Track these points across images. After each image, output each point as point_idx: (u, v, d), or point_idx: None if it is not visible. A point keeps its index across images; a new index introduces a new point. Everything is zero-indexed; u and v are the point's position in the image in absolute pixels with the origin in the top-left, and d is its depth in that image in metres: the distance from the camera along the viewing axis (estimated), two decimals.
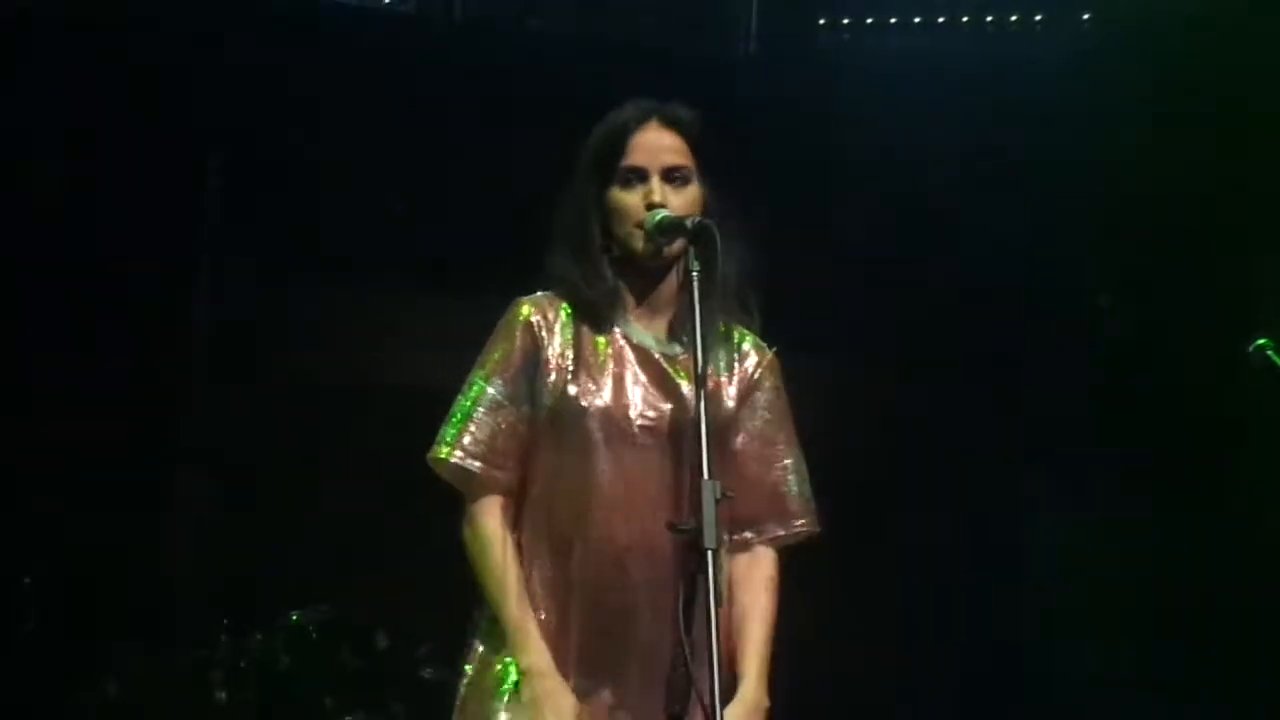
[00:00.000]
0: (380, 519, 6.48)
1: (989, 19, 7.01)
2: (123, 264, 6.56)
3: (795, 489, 3.33)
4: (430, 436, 3.33)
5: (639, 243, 3.21)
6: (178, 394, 6.78)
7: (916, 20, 7.04)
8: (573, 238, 3.27)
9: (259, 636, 5.94)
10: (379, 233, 6.80)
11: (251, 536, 6.47)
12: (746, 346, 3.35)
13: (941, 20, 7.02)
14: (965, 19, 7.02)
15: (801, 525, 3.34)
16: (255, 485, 6.60)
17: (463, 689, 3.28)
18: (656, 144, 3.24)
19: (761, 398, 3.33)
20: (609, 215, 3.24)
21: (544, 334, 3.25)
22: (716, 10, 7.05)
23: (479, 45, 6.88)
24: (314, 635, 5.96)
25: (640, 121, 3.26)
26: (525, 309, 3.27)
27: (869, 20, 7.09)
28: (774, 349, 3.38)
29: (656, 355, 3.25)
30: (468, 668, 3.29)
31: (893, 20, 7.06)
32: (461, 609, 5.49)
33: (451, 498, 3.36)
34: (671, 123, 3.26)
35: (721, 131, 3.36)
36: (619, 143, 3.24)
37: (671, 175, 3.22)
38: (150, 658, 6.24)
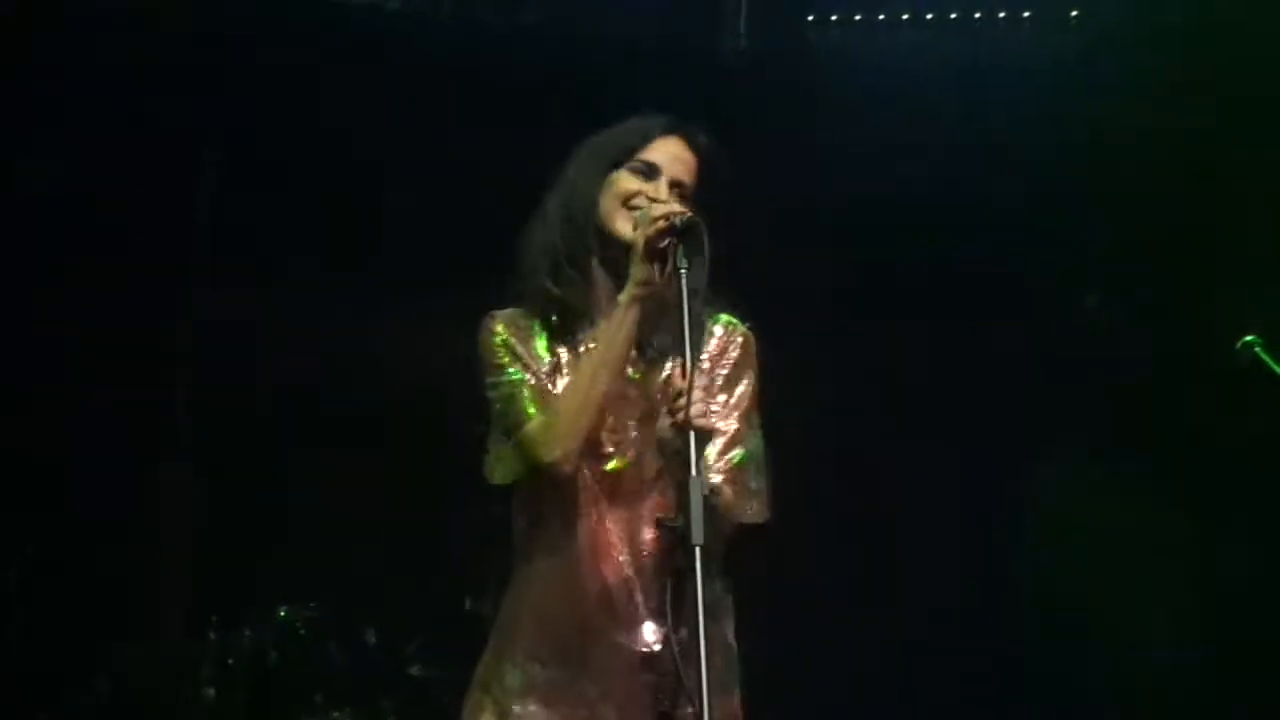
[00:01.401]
0: (369, 517, 6.48)
1: (977, 15, 7.01)
2: (114, 262, 6.55)
3: (746, 480, 3.27)
4: (423, 436, 3.34)
5: (620, 222, 3.24)
6: (167, 391, 6.77)
7: (905, 17, 7.04)
8: (571, 219, 3.29)
9: (248, 633, 5.94)
10: (373, 232, 6.79)
11: (240, 533, 6.47)
12: (716, 328, 3.35)
13: (930, 17, 7.02)
14: (953, 15, 7.02)
15: (747, 516, 3.27)
16: (244, 482, 6.59)
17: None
18: (677, 154, 3.32)
19: (721, 375, 3.32)
20: (603, 193, 3.28)
21: (520, 347, 3.28)
22: (706, 7, 7.06)
23: (467, 42, 6.87)
24: (302, 632, 5.97)
25: (668, 130, 3.34)
26: (498, 325, 3.30)
27: (857, 17, 7.09)
28: (747, 324, 3.38)
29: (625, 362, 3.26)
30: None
31: (881, 17, 7.06)
32: (453, 607, 5.51)
33: (441, 500, 3.37)
34: (692, 144, 3.35)
35: (712, 127, 3.39)
36: (642, 140, 3.32)
37: (676, 187, 3.29)
38: (139, 654, 6.24)
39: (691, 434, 2.96)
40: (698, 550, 2.88)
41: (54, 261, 6.47)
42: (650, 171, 3.29)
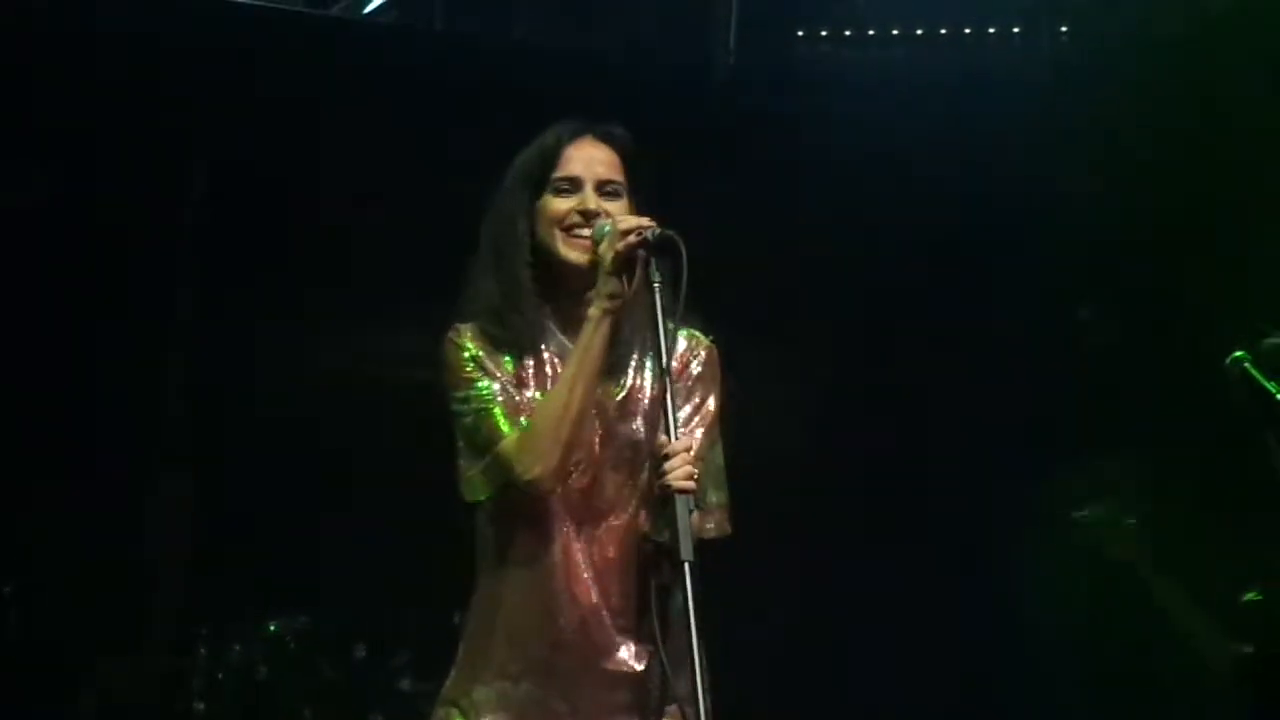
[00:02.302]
0: (359, 529, 6.48)
1: (967, 30, 7.02)
2: (105, 267, 6.56)
3: (706, 496, 3.22)
4: (413, 439, 3.32)
5: (563, 246, 3.23)
6: (158, 404, 6.78)
7: (895, 32, 7.05)
8: (500, 254, 3.28)
9: (238, 647, 5.94)
10: (369, 241, 6.80)
11: (230, 547, 6.46)
12: (679, 341, 3.30)
13: (920, 32, 7.03)
14: (944, 31, 7.03)
15: (708, 532, 3.24)
16: (235, 496, 6.59)
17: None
18: (591, 156, 3.29)
19: (683, 389, 3.28)
20: (538, 221, 3.27)
21: (488, 360, 3.23)
22: (695, 22, 7.06)
23: (459, 56, 6.88)
24: (292, 646, 5.97)
25: (575, 136, 3.31)
26: (465, 338, 3.25)
27: (847, 32, 7.10)
28: (710, 337, 3.35)
29: None
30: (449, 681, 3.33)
31: (871, 32, 7.08)
32: (441, 621, 5.50)
33: (431, 511, 3.35)
34: (605, 138, 3.32)
35: (702, 141, 3.38)
36: (553, 155, 3.29)
37: (604, 188, 3.27)
38: (129, 668, 6.23)
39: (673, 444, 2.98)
40: (686, 566, 2.88)
41: (52, 264, 6.48)
42: (573, 185, 3.26)
